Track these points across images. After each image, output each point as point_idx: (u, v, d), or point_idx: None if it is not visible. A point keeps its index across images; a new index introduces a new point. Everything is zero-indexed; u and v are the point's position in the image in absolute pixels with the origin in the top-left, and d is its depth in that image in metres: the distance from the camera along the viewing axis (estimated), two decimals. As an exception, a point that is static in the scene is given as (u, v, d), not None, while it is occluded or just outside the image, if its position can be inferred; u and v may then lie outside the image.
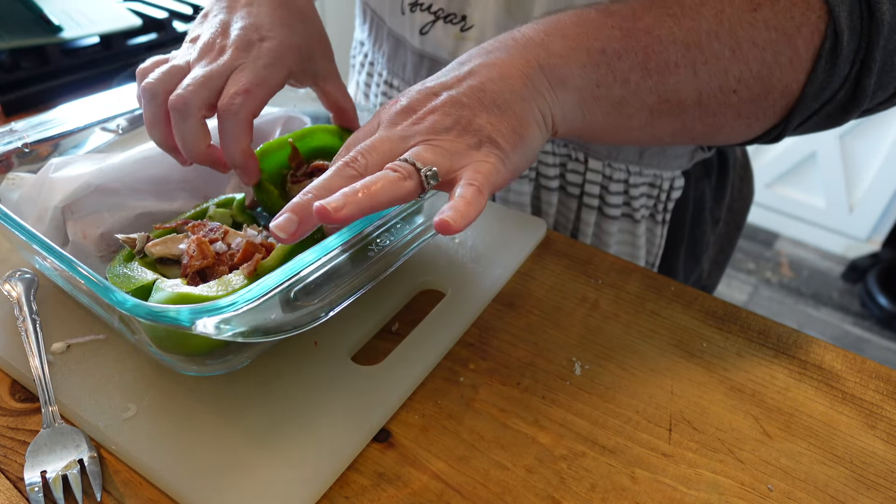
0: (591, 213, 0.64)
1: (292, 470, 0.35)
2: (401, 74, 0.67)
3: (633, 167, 0.61)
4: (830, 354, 0.46)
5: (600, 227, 0.65)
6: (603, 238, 0.65)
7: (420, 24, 0.61)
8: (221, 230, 0.42)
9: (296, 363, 0.41)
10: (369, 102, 0.75)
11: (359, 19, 0.75)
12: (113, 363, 0.41)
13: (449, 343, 0.45)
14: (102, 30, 0.81)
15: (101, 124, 0.52)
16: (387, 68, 0.69)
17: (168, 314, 0.31)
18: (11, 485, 0.35)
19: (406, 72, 0.66)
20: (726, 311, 0.50)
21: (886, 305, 1.94)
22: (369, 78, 0.74)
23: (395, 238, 0.39)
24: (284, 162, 0.50)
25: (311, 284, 0.35)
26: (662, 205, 0.65)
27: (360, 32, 0.76)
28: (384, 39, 0.68)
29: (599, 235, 0.66)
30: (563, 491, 0.36)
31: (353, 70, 0.80)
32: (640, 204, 0.63)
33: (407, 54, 0.65)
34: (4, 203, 0.46)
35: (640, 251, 0.66)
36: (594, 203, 0.63)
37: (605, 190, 0.62)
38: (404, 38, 0.64)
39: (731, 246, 0.77)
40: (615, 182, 0.62)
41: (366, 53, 0.74)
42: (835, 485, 0.37)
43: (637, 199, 0.63)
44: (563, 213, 0.66)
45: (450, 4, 0.58)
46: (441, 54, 0.61)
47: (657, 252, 0.67)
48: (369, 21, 0.71)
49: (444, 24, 0.59)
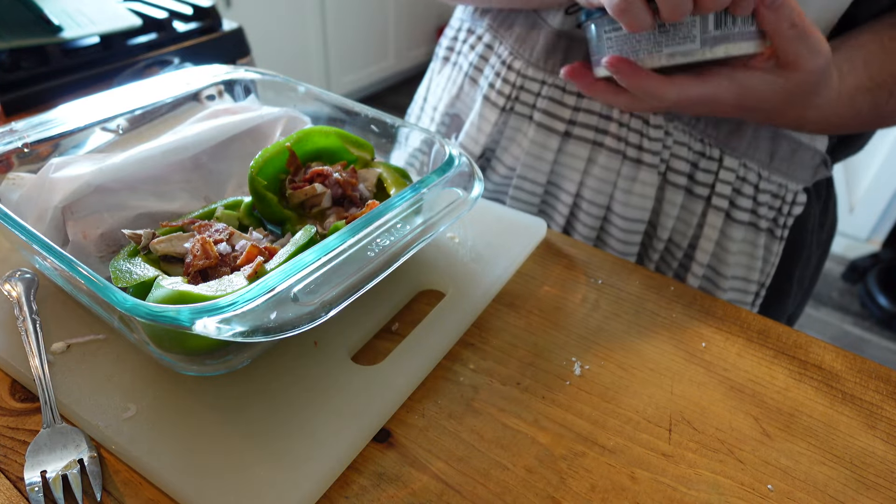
0: (718, 216, 0.62)
1: (292, 470, 0.35)
2: (526, 56, 0.65)
3: (763, 171, 0.60)
4: (830, 354, 0.46)
5: (725, 233, 0.63)
6: (725, 245, 0.63)
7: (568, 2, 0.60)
8: (227, 231, 0.42)
9: (296, 363, 0.41)
10: (478, 87, 0.72)
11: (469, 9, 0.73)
12: (113, 363, 0.41)
13: (449, 343, 0.45)
14: (102, 30, 0.81)
15: (101, 124, 0.52)
16: (510, 50, 0.67)
17: (168, 314, 0.31)
18: (11, 485, 0.35)
19: (534, 53, 0.64)
20: (726, 311, 0.50)
21: (886, 305, 1.94)
22: (482, 61, 0.71)
23: (395, 238, 0.39)
24: (282, 167, 0.50)
25: (311, 284, 0.35)
26: (783, 219, 0.63)
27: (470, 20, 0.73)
28: (516, 21, 0.66)
29: (722, 243, 0.63)
30: (563, 491, 0.36)
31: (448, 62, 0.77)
32: (763, 212, 0.62)
33: (540, 34, 0.64)
34: (4, 203, 0.46)
35: (757, 263, 0.64)
36: (723, 205, 0.61)
37: (737, 192, 0.61)
38: (543, 18, 0.63)
39: (818, 274, 0.75)
40: (747, 184, 0.60)
41: (480, 37, 0.71)
42: (834, 485, 0.37)
43: (762, 205, 0.61)
44: (684, 217, 0.64)
45: None
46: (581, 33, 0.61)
47: (769, 271, 0.66)
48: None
49: None
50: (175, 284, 0.37)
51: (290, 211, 0.48)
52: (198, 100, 0.59)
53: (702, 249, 0.63)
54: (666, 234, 0.64)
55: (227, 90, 0.61)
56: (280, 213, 0.47)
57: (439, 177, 0.44)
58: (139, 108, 0.54)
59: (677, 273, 0.67)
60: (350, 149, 0.52)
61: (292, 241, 0.41)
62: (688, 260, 0.66)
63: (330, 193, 0.48)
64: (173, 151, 0.51)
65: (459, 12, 0.76)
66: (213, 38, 0.93)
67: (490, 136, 0.68)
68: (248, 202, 0.48)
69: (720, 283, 0.65)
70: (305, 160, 0.51)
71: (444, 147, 0.48)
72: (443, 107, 0.75)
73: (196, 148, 0.52)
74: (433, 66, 0.81)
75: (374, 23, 2.97)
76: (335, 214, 0.47)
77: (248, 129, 0.56)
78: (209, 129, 0.53)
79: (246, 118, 0.56)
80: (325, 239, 0.38)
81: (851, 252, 2.19)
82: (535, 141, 0.65)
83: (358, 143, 0.52)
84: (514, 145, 0.67)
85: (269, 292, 0.33)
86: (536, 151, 0.65)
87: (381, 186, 0.51)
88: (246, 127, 0.56)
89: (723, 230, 0.63)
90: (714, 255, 0.64)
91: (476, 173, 0.46)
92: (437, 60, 0.79)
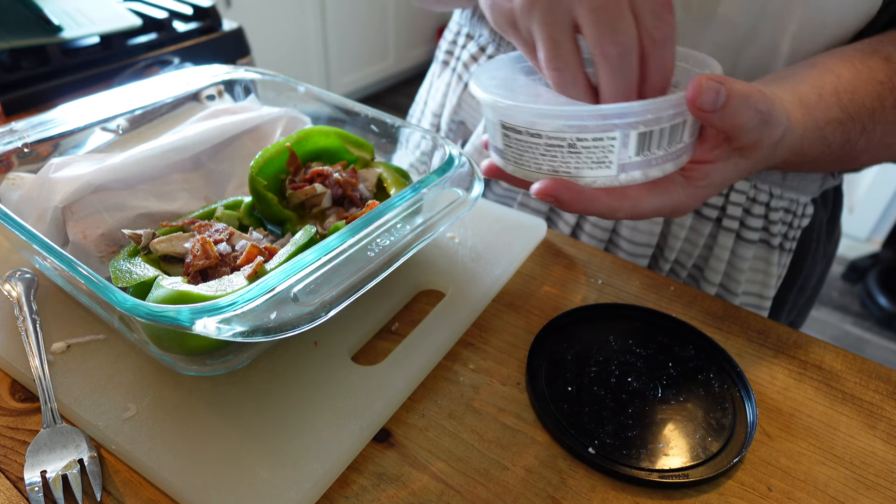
0: (728, 237, 0.61)
1: (292, 470, 0.35)
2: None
3: (775, 189, 0.59)
4: (830, 354, 0.46)
5: (735, 253, 0.62)
6: (736, 264, 0.62)
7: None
8: (227, 231, 0.42)
9: (296, 363, 0.41)
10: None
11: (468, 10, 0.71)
12: (113, 363, 0.41)
13: (449, 343, 0.45)
14: (102, 30, 0.81)
15: (101, 124, 0.52)
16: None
17: (168, 314, 0.31)
18: (11, 485, 0.35)
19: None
20: (726, 311, 0.50)
21: (886, 305, 1.94)
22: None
23: (395, 238, 0.39)
24: (283, 167, 0.50)
25: (311, 284, 0.35)
26: (793, 232, 0.62)
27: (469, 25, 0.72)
28: None
29: (733, 262, 0.62)
30: (563, 491, 0.36)
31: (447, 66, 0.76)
32: (776, 230, 0.61)
33: None
34: (4, 203, 0.46)
35: (771, 280, 0.63)
36: (733, 226, 0.60)
37: (748, 213, 0.60)
38: None
39: (822, 283, 0.74)
40: (758, 204, 0.59)
41: (483, 47, 0.70)
42: (835, 485, 0.37)
43: (775, 223, 0.60)
44: (692, 239, 0.63)
45: None
46: None
47: (776, 284, 0.65)
48: None
49: None
50: (175, 284, 0.37)
51: (290, 211, 0.48)
52: (198, 100, 0.59)
53: (712, 269, 0.63)
54: (673, 255, 0.64)
55: (227, 90, 0.61)
56: (280, 213, 0.47)
57: (439, 177, 0.44)
58: (139, 108, 0.54)
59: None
60: (350, 149, 0.52)
61: (292, 241, 0.41)
62: (698, 271, 0.65)
63: (330, 193, 0.48)
64: (173, 151, 0.51)
65: (457, 16, 0.75)
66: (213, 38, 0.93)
67: None
68: (248, 202, 0.48)
69: (732, 301, 0.64)
70: (305, 160, 0.51)
71: (444, 147, 0.48)
72: (446, 114, 0.75)
73: (196, 148, 0.52)
74: (433, 68, 0.80)
75: (374, 23, 2.97)
76: (335, 214, 0.47)
77: (248, 129, 0.56)
78: (209, 129, 0.53)
79: (246, 118, 0.56)
80: (325, 239, 0.38)
81: (851, 252, 2.19)
82: None
83: (358, 143, 0.52)
84: None
85: (269, 292, 0.33)
86: None
87: (381, 186, 0.51)
88: (246, 127, 0.56)
89: (734, 250, 0.62)
90: (726, 274, 0.63)
91: (476, 173, 0.46)
92: (437, 63, 0.79)
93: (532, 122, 0.37)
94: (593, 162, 0.37)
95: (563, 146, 0.37)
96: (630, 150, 0.36)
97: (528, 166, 0.39)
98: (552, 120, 0.36)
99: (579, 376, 0.42)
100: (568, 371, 0.43)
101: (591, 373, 0.43)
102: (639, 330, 0.46)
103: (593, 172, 0.37)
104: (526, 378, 0.42)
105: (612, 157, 0.36)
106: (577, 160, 0.37)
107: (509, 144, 0.40)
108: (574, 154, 0.37)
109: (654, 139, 0.36)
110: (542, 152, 0.38)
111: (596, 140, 0.36)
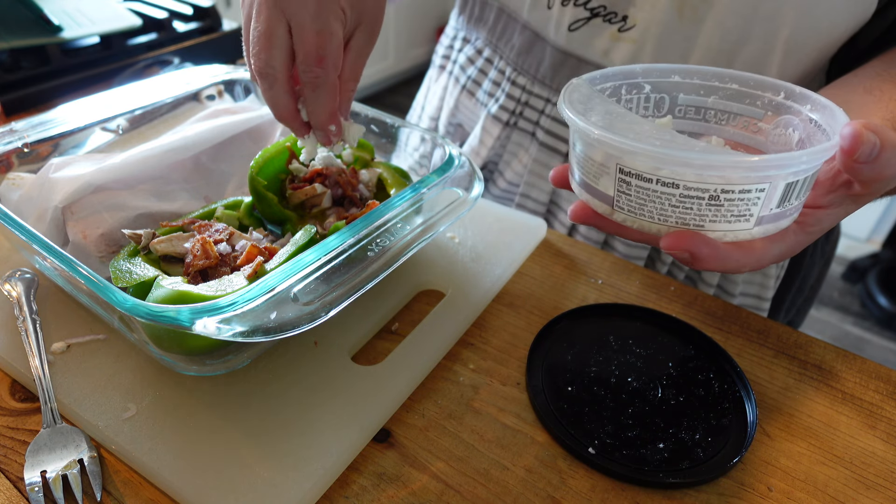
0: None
1: (292, 470, 0.35)
2: (532, 72, 0.63)
3: None
4: (830, 354, 0.46)
5: None
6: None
7: (570, 20, 0.57)
8: (227, 231, 0.42)
9: (296, 363, 0.41)
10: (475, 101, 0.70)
11: (465, 14, 0.71)
12: (113, 363, 0.41)
13: (449, 343, 0.45)
14: (102, 30, 0.81)
15: (101, 124, 0.52)
16: (513, 65, 0.65)
17: (168, 314, 0.31)
18: (11, 485, 0.35)
19: (541, 70, 0.62)
20: (726, 311, 0.50)
21: (886, 305, 1.94)
22: (481, 75, 0.69)
23: (395, 238, 0.39)
24: (283, 167, 0.50)
25: (311, 284, 0.35)
26: None
27: (465, 29, 0.72)
28: (515, 34, 0.63)
29: None
30: (563, 491, 0.36)
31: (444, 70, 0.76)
32: None
33: (545, 51, 0.61)
34: (4, 203, 0.46)
35: (770, 280, 0.63)
36: None
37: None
38: (545, 34, 0.60)
39: (820, 283, 0.74)
40: None
41: (479, 50, 0.69)
42: (835, 485, 0.37)
43: None
44: None
45: (613, 2, 0.54)
46: (589, 55, 0.57)
47: (774, 284, 0.65)
48: (493, 14, 0.66)
49: (601, 21, 0.55)
50: (175, 284, 0.37)
51: (290, 211, 0.48)
52: (198, 100, 0.60)
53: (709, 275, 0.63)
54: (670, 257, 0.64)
55: (227, 90, 0.61)
56: (280, 213, 0.47)
57: (439, 177, 0.44)
58: (139, 108, 0.54)
59: None
60: (350, 149, 0.52)
61: (292, 241, 0.41)
62: (695, 272, 0.65)
63: (330, 193, 0.48)
64: (173, 151, 0.51)
65: (453, 20, 0.75)
66: (213, 38, 0.93)
67: (492, 150, 0.68)
68: (248, 202, 0.48)
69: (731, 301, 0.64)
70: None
71: (444, 147, 0.48)
72: (443, 117, 0.75)
73: (196, 148, 0.52)
74: (430, 73, 0.80)
75: (374, 23, 2.96)
76: (335, 214, 0.47)
77: (248, 129, 0.56)
78: (209, 129, 0.53)
79: (246, 118, 0.56)
80: (325, 239, 0.38)
81: (851, 252, 2.19)
82: (537, 160, 0.64)
83: (358, 143, 0.52)
84: (516, 161, 0.67)
85: (269, 292, 0.33)
86: (539, 170, 0.65)
87: (381, 186, 0.51)
88: (246, 127, 0.56)
89: None
90: (723, 276, 0.63)
91: (476, 173, 0.46)
92: (434, 68, 0.79)
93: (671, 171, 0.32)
94: (733, 215, 0.33)
95: (704, 198, 0.33)
96: (773, 201, 0.33)
97: (649, 217, 0.35)
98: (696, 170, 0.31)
99: (579, 376, 0.42)
100: (568, 371, 0.43)
101: (591, 373, 0.43)
102: (639, 330, 0.46)
103: (730, 226, 0.34)
104: (526, 378, 0.42)
105: (755, 209, 0.33)
106: (714, 213, 0.33)
107: (626, 191, 0.34)
108: (714, 207, 0.33)
109: (797, 189, 0.33)
110: (675, 203, 0.33)
111: (743, 192, 0.32)
